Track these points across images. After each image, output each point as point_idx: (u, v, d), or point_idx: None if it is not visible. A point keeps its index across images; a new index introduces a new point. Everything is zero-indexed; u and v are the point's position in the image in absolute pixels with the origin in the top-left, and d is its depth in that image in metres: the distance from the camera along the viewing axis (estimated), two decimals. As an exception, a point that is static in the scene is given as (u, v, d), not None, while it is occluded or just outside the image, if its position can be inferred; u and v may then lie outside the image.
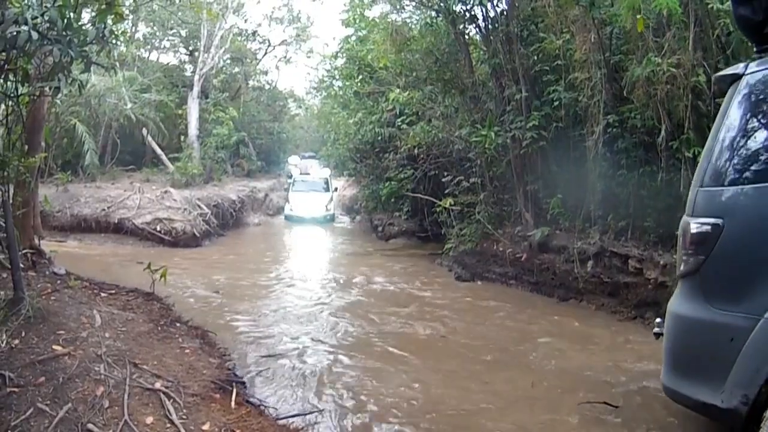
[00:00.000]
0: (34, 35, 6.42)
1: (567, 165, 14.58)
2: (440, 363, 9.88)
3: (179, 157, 28.99)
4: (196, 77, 32.24)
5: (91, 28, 7.25)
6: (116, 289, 10.89)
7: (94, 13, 7.68)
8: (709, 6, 10.95)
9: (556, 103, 14.57)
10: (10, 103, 8.92)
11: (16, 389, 5.94)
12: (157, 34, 35.58)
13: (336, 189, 34.83)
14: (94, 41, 7.32)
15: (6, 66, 7.55)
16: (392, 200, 24.34)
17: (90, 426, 5.55)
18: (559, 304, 14.08)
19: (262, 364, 9.26)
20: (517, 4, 16.35)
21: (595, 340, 11.30)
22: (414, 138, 20.61)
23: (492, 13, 16.91)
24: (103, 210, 20.63)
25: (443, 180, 19.63)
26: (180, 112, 32.29)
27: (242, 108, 35.97)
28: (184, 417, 6.17)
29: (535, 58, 15.76)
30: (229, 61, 37.72)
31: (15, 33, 6.37)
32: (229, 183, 30.09)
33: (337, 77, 32.53)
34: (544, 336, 11.49)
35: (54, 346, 7.00)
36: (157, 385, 6.67)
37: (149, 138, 29.72)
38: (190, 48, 35.82)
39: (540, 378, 9.27)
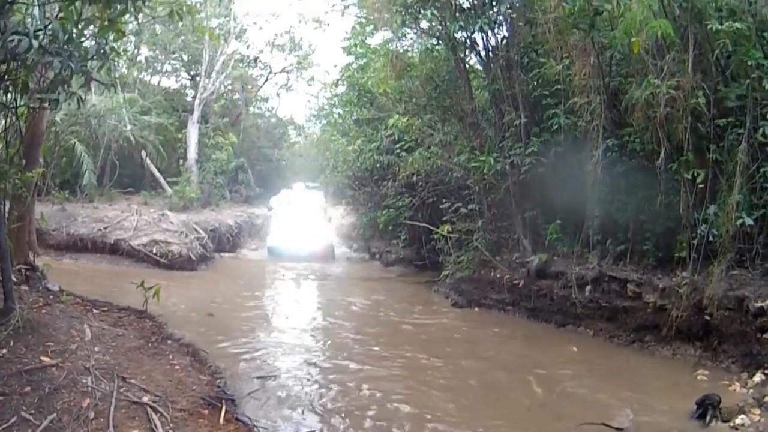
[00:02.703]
0: (35, 44, 6.41)
1: (566, 190, 14.49)
2: (436, 387, 9.80)
3: (178, 180, 28.86)
4: (197, 102, 32.24)
5: (92, 43, 7.25)
6: (108, 307, 10.81)
7: (96, 30, 7.69)
8: (708, 27, 10.94)
9: (555, 128, 14.54)
10: (9, 115, 8.91)
11: (0, 397, 5.87)
12: (160, 57, 35.51)
13: (331, 218, 30.54)
14: (95, 56, 7.32)
15: (6, 77, 7.52)
16: (390, 228, 24.25)
17: None
18: (557, 329, 14.00)
19: (255, 385, 9.18)
20: (517, 32, 16.41)
21: (594, 366, 11.22)
22: (412, 165, 20.56)
23: (492, 41, 16.98)
24: (100, 230, 20.48)
25: (441, 207, 19.57)
26: (179, 136, 32.21)
27: (242, 134, 35.98)
28: (170, 431, 6.08)
29: (535, 83, 15.77)
30: (230, 87, 37.73)
31: (16, 42, 6.36)
32: (226, 208, 29.96)
33: (338, 105, 32.56)
34: (542, 361, 11.40)
35: (42, 357, 6.95)
36: (145, 399, 6.58)
37: (148, 161, 29.59)
38: (192, 73, 35.79)
39: (538, 402, 9.26)
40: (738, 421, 8.05)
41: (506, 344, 12.87)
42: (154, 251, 19.91)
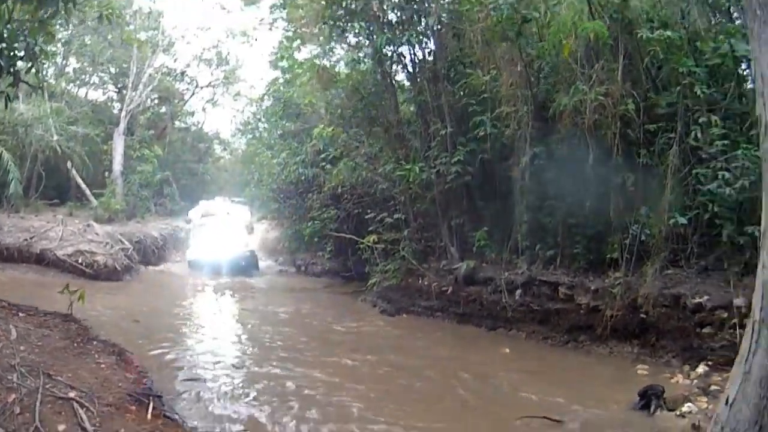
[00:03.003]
0: None
1: (493, 198, 14.31)
2: (368, 388, 9.43)
3: (103, 192, 27.89)
4: (123, 113, 31.19)
5: (21, 41, 6.79)
6: (34, 311, 10.25)
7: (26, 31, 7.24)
8: (639, 36, 10.85)
9: (481, 137, 14.19)
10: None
11: None
12: (88, 69, 34.34)
13: (252, 228, 29.46)
14: (24, 56, 6.92)
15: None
16: (315, 240, 23.55)
17: None
18: (488, 333, 13.60)
19: (182, 387, 8.92)
20: (445, 44, 16.14)
21: (527, 365, 10.92)
22: (337, 176, 20.09)
23: (420, 54, 16.72)
24: (26, 240, 19.55)
25: (367, 218, 19.07)
26: (105, 147, 31.14)
27: (167, 147, 35.01)
28: (97, 425, 5.75)
29: (461, 93, 15.49)
30: (156, 101, 36.68)
31: None
32: (152, 221, 29.07)
33: (263, 119, 31.94)
34: (474, 362, 11.10)
35: (-35, 355, 6.34)
36: (71, 394, 6.24)
37: (74, 172, 28.43)
38: (119, 85, 34.76)
39: (473, 400, 8.96)
40: (684, 409, 7.85)
41: (437, 347, 12.50)
42: (80, 261, 19.06)
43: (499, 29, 12.95)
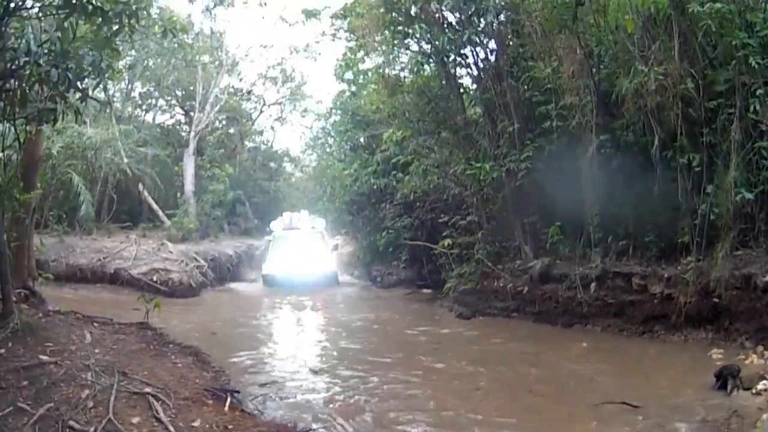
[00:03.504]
0: (34, 48, 6.47)
1: (563, 192, 14.38)
2: (448, 386, 9.76)
3: (176, 213, 28.84)
4: (192, 134, 32.24)
5: (88, 54, 7.29)
6: (109, 322, 10.58)
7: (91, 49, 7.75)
8: (691, 11, 11.01)
9: (547, 129, 14.58)
10: (7, 130, 8.93)
11: None
12: (154, 93, 35.78)
13: (336, 246, 28.50)
14: (91, 70, 7.38)
15: (3, 95, 7.56)
16: (390, 250, 24.10)
17: (71, 423, 5.39)
18: (564, 330, 13.81)
19: (260, 390, 9.13)
20: (505, 41, 16.45)
21: (605, 357, 11.17)
22: (409, 184, 20.63)
23: (482, 53, 17.04)
24: (99, 260, 20.40)
25: (440, 222, 19.49)
26: (176, 168, 32.25)
27: (238, 167, 35.88)
28: (172, 416, 5.96)
29: (526, 88, 15.74)
30: (224, 121, 37.78)
31: (17, 45, 6.44)
32: (225, 239, 29.84)
33: (332, 133, 32.60)
34: (553, 357, 11.36)
35: (40, 356, 6.80)
36: (146, 390, 6.45)
37: (145, 193, 29.56)
38: (186, 108, 35.92)
39: (554, 391, 9.25)
40: (760, 386, 7.88)
41: (514, 344, 12.77)
42: (155, 279, 19.75)
43: (556, 16, 13.30)
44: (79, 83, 7.53)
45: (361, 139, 27.11)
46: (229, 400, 6.98)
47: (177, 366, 8.02)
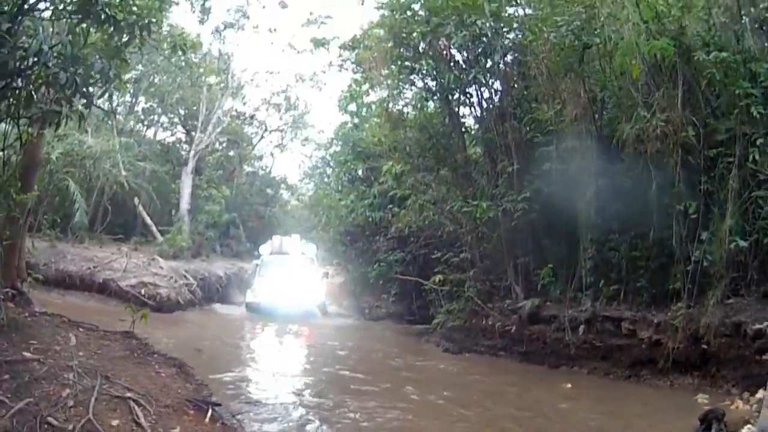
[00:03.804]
0: (45, 48, 6.52)
1: (558, 235, 14.61)
2: (430, 420, 9.67)
3: (169, 230, 28.74)
4: (192, 153, 32.40)
5: (97, 61, 7.35)
6: (94, 328, 10.51)
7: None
8: (696, 59, 11.23)
9: (546, 171, 14.62)
10: (10, 128, 8.94)
11: None
12: (157, 110, 36.03)
13: (327, 274, 26.69)
14: (98, 77, 7.44)
15: (9, 94, 7.61)
16: (381, 283, 24.12)
17: (50, 419, 5.37)
18: (551, 370, 13.81)
19: (241, 408, 9.13)
20: (511, 83, 16.65)
21: (589, 399, 11.16)
22: (404, 218, 20.67)
23: (486, 93, 17.26)
24: (89, 269, 20.36)
25: (433, 257, 19.54)
26: (173, 186, 32.32)
27: (235, 190, 36.02)
28: (152, 422, 5.96)
29: (528, 129, 15.94)
30: (225, 143, 37.96)
31: (28, 44, 6.50)
32: (216, 260, 29.75)
33: (332, 164, 32.75)
34: (538, 397, 11.40)
35: (24, 353, 6.75)
36: (128, 395, 6.40)
37: (140, 207, 29.57)
38: (187, 127, 36.13)
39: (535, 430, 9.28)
40: (744, 431, 7.88)
41: (500, 383, 12.76)
42: (143, 293, 19.68)
43: (563, 59, 13.52)
44: (85, 89, 7.56)
45: (360, 171, 27.27)
46: (210, 412, 6.92)
47: (160, 375, 7.93)
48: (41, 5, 7.65)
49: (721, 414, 8.30)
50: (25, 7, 7.26)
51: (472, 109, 18.17)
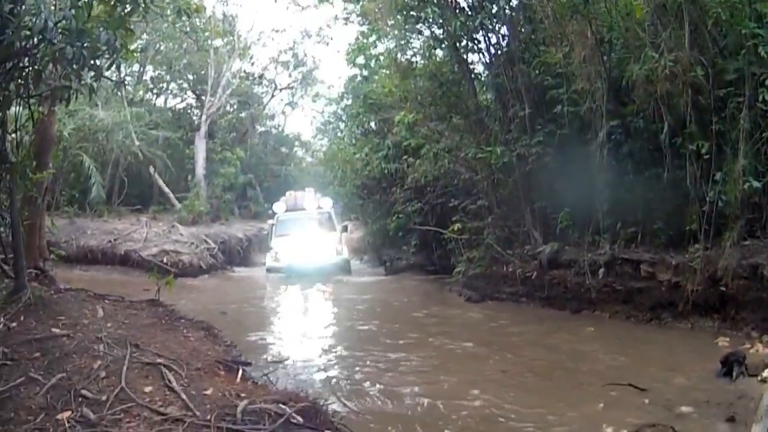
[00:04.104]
0: (50, 24, 6.56)
1: (573, 178, 14.45)
2: (455, 366, 9.91)
3: (186, 196, 29.05)
4: (203, 117, 32.51)
5: (102, 32, 7.35)
6: (121, 300, 10.73)
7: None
8: (699, -1, 11.15)
9: (558, 115, 14.63)
10: (21, 110, 9.04)
11: (9, 362, 5.93)
12: (165, 77, 36.12)
13: (346, 227, 25.83)
14: (105, 49, 7.44)
15: (17, 73, 7.65)
16: (400, 235, 24.13)
17: (84, 392, 5.48)
18: (572, 315, 13.89)
19: (271, 367, 9.29)
20: (518, 26, 16.49)
21: (612, 341, 11.27)
22: (420, 168, 20.68)
23: (494, 38, 17.09)
24: (110, 242, 20.65)
25: (450, 206, 19.60)
26: (187, 151, 32.46)
27: (249, 151, 36.15)
28: (185, 385, 6.06)
29: (537, 72, 15.85)
30: (236, 105, 38.00)
31: (32, 23, 6.54)
32: (236, 223, 29.97)
33: (344, 118, 32.67)
34: (561, 341, 11.54)
35: (53, 329, 6.94)
36: (158, 361, 6.56)
37: (156, 176, 29.94)
38: (197, 92, 36.22)
39: (562, 373, 9.45)
40: (765, 374, 8.01)
41: (523, 328, 12.93)
42: (165, 261, 19.90)
43: (568, 1, 13.36)
44: (93, 62, 7.58)
45: (373, 124, 27.24)
46: (240, 371, 7.13)
47: (189, 340, 8.12)
48: (43, -19, 7.69)
49: (742, 357, 8.44)
50: (27, -15, 7.29)
51: (481, 55, 17.99)
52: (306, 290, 19.65)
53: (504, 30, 17.02)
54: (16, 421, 5.02)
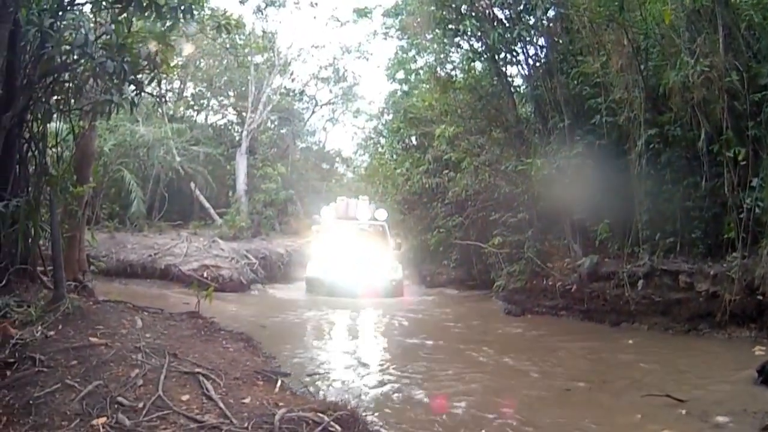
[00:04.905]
0: (91, 37, 6.84)
1: (612, 189, 14.52)
2: (496, 378, 9.95)
3: (227, 212, 29.35)
4: (244, 133, 32.73)
5: (143, 48, 7.61)
6: (160, 312, 10.92)
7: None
8: (732, 1, 11.19)
9: (597, 125, 14.82)
10: (62, 125, 9.38)
11: (45, 369, 6.05)
12: (206, 94, 36.66)
13: (400, 245, 23.01)
14: (146, 64, 7.71)
15: (59, 78, 7.97)
16: (441, 249, 24.24)
17: (120, 399, 5.59)
18: (611, 328, 13.98)
19: (310, 380, 9.25)
20: (555, 37, 16.65)
21: (651, 352, 11.28)
22: (461, 182, 20.91)
23: (531, 50, 17.29)
24: (150, 256, 20.84)
25: (491, 219, 19.74)
26: (228, 167, 32.86)
27: (290, 167, 36.33)
28: (223, 394, 6.15)
29: (575, 83, 16.03)
30: (276, 121, 38.40)
31: (72, 38, 6.82)
32: (276, 238, 30.12)
33: (384, 133, 32.92)
34: (601, 352, 11.66)
35: (90, 338, 7.06)
36: (197, 370, 6.66)
37: (197, 192, 30.32)
38: (238, 108, 36.68)
39: (601, 382, 9.47)
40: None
41: (562, 340, 12.99)
42: (205, 275, 19.95)
43: (604, 9, 13.53)
44: (134, 76, 7.86)
45: (413, 138, 27.46)
46: (279, 381, 7.18)
47: (228, 350, 8.24)
48: (80, -1, 8.02)
49: (778, 365, 8.45)
50: (66, 2, 7.60)
51: (520, 67, 18.23)
52: (347, 306, 18.27)
53: (542, 41, 17.23)
54: (51, 426, 5.12)
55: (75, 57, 7.41)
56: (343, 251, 20.39)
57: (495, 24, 16.97)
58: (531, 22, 16.68)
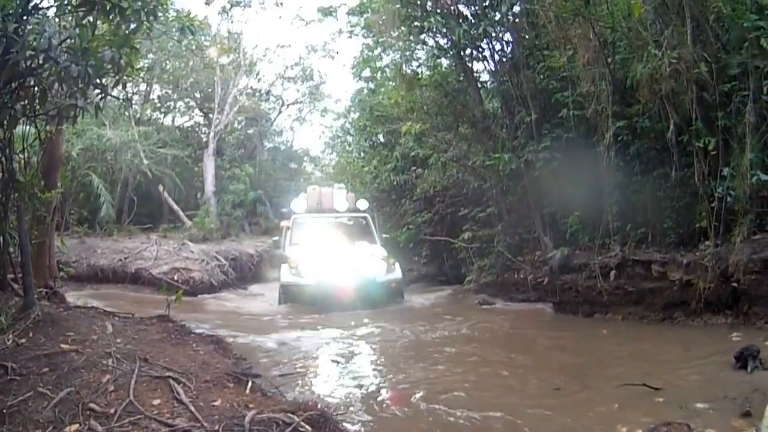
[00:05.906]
0: (54, 42, 6.64)
1: (581, 181, 14.46)
2: (470, 370, 9.87)
3: (196, 214, 29.13)
4: (211, 134, 32.51)
5: (107, 50, 7.41)
6: (131, 316, 10.72)
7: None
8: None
9: (564, 119, 14.77)
10: (28, 130, 9.13)
11: (17, 377, 5.96)
12: (172, 96, 36.25)
13: (386, 236, 20.15)
14: (110, 67, 7.51)
15: (24, 83, 7.73)
16: (411, 246, 24.13)
17: (92, 405, 5.53)
18: (585, 319, 13.92)
19: (281, 380, 9.10)
20: (521, 32, 16.57)
21: (625, 342, 11.28)
22: (428, 179, 20.87)
23: (497, 45, 17.18)
24: (120, 260, 20.62)
25: (460, 215, 19.74)
26: (196, 169, 32.65)
27: (258, 167, 36.22)
28: (193, 397, 6.09)
29: (542, 77, 15.96)
30: (243, 122, 38.14)
31: (36, 43, 6.62)
32: (246, 239, 29.91)
33: (352, 131, 32.80)
34: (574, 342, 11.65)
35: (61, 345, 6.95)
36: (167, 374, 6.59)
37: (166, 194, 30.01)
38: (204, 110, 36.36)
39: (576, 373, 9.36)
40: (781, 366, 7.99)
41: (537, 333, 12.92)
42: (176, 278, 19.77)
43: (570, 4, 13.47)
44: (99, 80, 7.67)
45: (380, 136, 27.41)
46: (250, 383, 7.11)
47: (198, 353, 8.14)
48: (45, 3, 7.79)
49: (756, 351, 8.37)
50: (30, 6, 7.38)
51: (486, 63, 18.06)
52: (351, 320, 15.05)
53: (508, 36, 17.09)
54: (25, 434, 5.04)
55: (40, 61, 7.16)
56: (323, 251, 17.06)
57: (460, 20, 16.82)
58: (496, 18, 16.57)
